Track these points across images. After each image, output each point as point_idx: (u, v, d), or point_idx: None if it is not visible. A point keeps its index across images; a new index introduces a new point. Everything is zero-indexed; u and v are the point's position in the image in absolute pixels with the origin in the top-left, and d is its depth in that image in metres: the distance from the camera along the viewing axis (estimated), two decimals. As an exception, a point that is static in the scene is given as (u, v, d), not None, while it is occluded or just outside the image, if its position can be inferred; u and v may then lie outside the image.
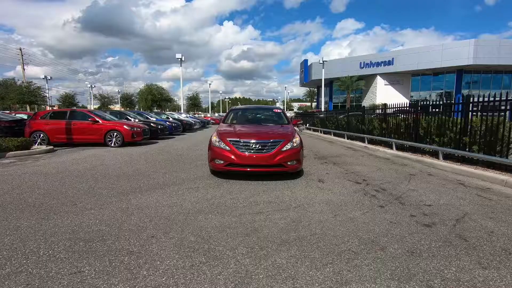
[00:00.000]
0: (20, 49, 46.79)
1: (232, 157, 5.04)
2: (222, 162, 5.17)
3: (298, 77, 53.16)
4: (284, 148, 5.13)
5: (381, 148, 10.00)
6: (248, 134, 5.46)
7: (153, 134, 13.78)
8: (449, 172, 6.36)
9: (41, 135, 10.49)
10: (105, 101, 59.52)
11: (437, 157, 7.40)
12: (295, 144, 5.29)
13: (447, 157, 7.26)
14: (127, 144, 11.06)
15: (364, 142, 11.75)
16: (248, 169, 5.06)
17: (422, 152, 8.32)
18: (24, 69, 46.02)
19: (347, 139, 13.75)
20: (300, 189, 4.77)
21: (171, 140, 13.93)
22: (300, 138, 5.58)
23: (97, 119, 10.76)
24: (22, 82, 36.25)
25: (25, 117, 13.21)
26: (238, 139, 5.16)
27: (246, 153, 5.02)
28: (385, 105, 10.31)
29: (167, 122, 16.55)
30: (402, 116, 9.30)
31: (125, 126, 10.86)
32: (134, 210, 3.68)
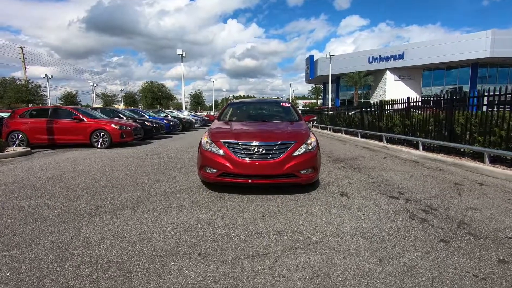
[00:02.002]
0: (21, 48, 46.04)
1: (228, 164, 3.80)
2: (214, 171, 3.93)
3: (302, 74, 51.71)
4: (296, 152, 3.87)
5: (403, 148, 8.67)
6: (248, 134, 4.21)
7: (148, 133, 12.63)
8: (505, 180, 5.03)
9: (20, 135, 9.37)
10: (108, 100, 58.65)
11: (481, 161, 6.07)
12: (310, 147, 4.02)
13: (494, 160, 5.93)
14: (116, 145, 9.90)
15: (382, 141, 10.43)
16: (250, 181, 3.81)
17: (458, 153, 6.98)
18: (25, 68, 45.35)
19: (361, 137, 12.42)
20: (319, 208, 3.50)
21: (166, 140, 12.75)
22: (316, 139, 4.31)
23: (82, 117, 9.60)
24: (20, 80, 35.41)
25: (6, 116, 12.11)
26: (236, 140, 3.91)
27: (247, 159, 3.77)
28: (408, 98, 8.97)
29: (164, 121, 15.36)
30: (431, 111, 7.96)
31: (113, 125, 9.68)
32: (76, 250, 2.46)
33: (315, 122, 20.44)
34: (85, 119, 9.61)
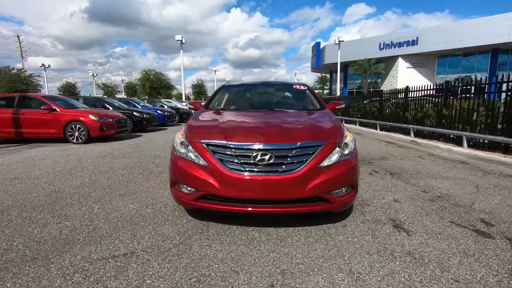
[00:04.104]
0: (18, 36, 44.77)
1: (212, 181, 2.29)
2: (192, 191, 2.43)
3: (306, 64, 49.67)
4: (326, 162, 2.33)
5: (440, 144, 7.08)
6: (247, 130, 2.69)
7: (138, 125, 11.16)
8: None
9: (-18, 128, 7.95)
10: (108, 90, 57.18)
11: None
12: (347, 152, 2.49)
13: None
14: (96, 139, 8.45)
15: (408, 134, 8.83)
16: (249, 209, 2.30)
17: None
18: (22, 57, 44.05)
19: (380, 130, 10.82)
20: (369, 263, 1.99)
21: (158, 133, 11.27)
22: (354, 138, 2.75)
23: (54, 107, 8.12)
24: (14, 69, 33.91)
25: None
26: (226, 141, 2.37)
27: (244, 173, 2.25)
28: (448, 83, 7.33)
29: (158, 111, 13.84)
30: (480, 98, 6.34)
31: (91, 116, 8.19)
32: None
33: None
34: (57, 109, 8.12)
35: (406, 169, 4.89)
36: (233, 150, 2.32)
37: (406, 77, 31.78)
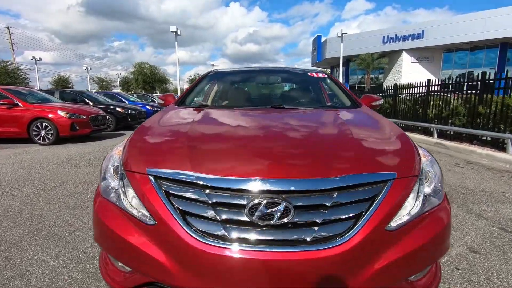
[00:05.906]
0: (8, 28, 43.25)
1: (160, 258, 1.09)
2: (126, 271, 1.22)
3: (306, 60, 48.27)
4: (405, 219, 1.12)
5: (476, 148, 5.90)
6: (234, 147, 1.40)
7: (121, 122, 9.92)
8: None
9: None
10: (103, 85, 55.66)
11: None
12: (429, 190, 1.29)
13: None
14: (67, 139, 7.22)
15: (430, 135, 7.67)
16: None
17: None
18: (13, 50, 42.52)
19: (394, 129, 9.64)
20: None
21: (145, 131, 10.02)
22: (432, 157, 1.53)
23: (16, 102, 6.86)
24: (2, 62, 32.26)
25: None
26: (191, 171, 1.15)
27: (231, 246, 1.04)
28: (483, 74, 6.13)
29: (147, 106, 12.61)
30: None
31: (59, 112, 6.94)
32: None
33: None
34: (20, 104, 6.87)
35: (452, 186, 3.73)
36: (207, 191, 1.10)
37: (410, 72, 30.61)
